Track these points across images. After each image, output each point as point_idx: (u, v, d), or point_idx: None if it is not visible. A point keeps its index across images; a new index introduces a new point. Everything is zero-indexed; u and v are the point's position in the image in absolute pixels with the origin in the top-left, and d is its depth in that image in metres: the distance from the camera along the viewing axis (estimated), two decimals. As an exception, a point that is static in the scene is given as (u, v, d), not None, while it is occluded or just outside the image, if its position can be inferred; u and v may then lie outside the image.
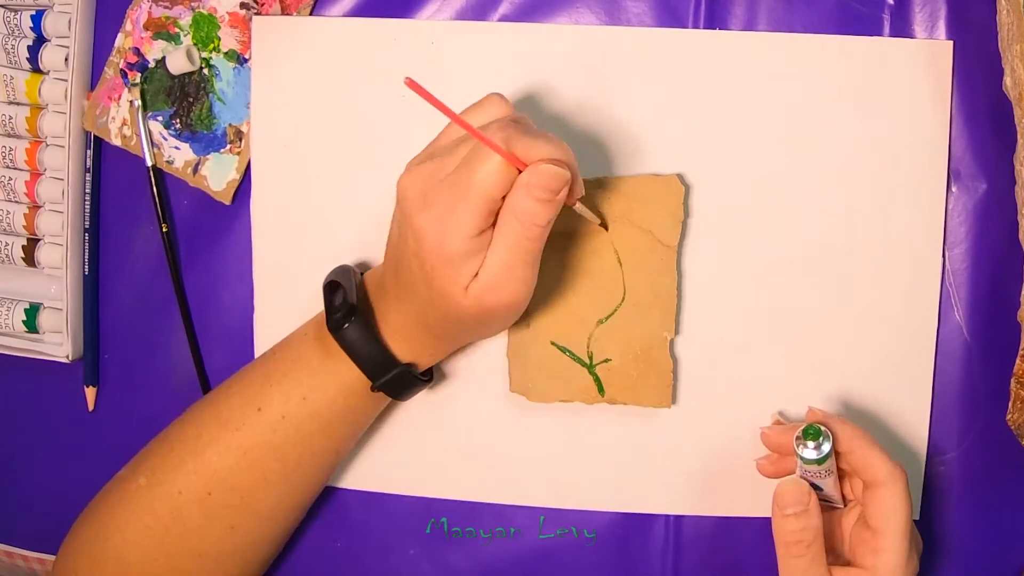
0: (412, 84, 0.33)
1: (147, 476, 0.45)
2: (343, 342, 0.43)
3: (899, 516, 0.40)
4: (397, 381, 0.44)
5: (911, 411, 0.48)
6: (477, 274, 0.39)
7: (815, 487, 0.42)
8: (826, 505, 0.44)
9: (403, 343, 0.44)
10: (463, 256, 0.38)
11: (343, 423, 0.46)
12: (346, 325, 0.43)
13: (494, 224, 0.39)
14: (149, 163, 0.50)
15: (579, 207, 0.43)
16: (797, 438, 0.41)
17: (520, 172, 0.38)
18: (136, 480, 0.45)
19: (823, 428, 0.41)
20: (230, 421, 0.45)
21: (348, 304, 0.43)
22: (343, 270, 0.46)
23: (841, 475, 0.44)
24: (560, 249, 0.47)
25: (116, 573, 0.45)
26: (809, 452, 0.41)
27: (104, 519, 0.46)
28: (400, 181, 0.40)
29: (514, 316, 0.42)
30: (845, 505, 0.44)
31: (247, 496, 0.45)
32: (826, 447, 0.40)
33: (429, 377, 0.47)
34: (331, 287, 0.45)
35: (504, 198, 0.38)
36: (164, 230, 0.51)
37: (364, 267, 0.49)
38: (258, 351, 0.51)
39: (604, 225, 0.47)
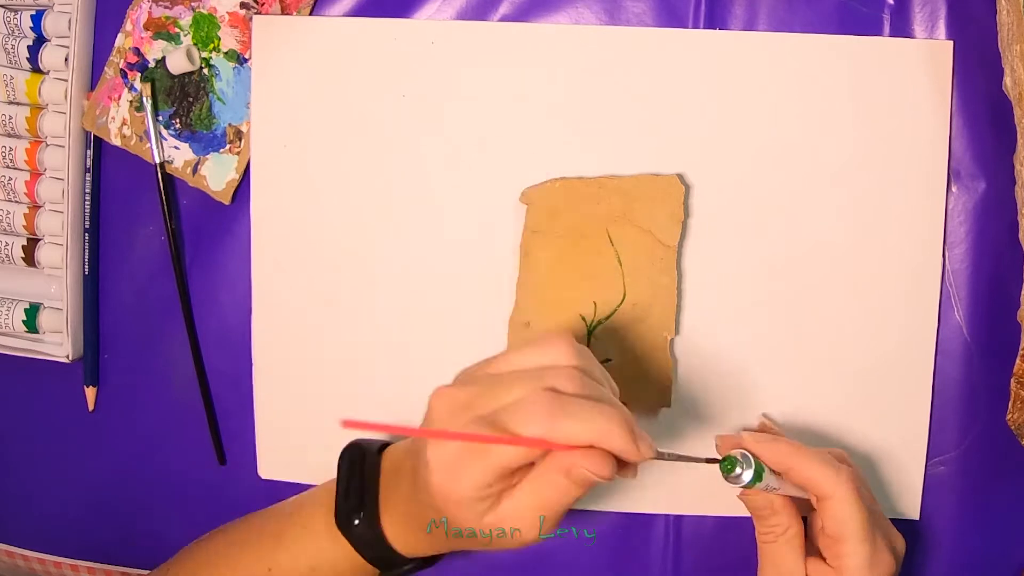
0: (350, 424, 0.31)
1: None
2: (351, 539, 0.42)
3: (853, 523, 0.40)
4: (406, 573, 0.44)
5: (911, 411, 0.48)
6: (497, 508, 0.36)
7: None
8: (805, 501, 0.44)
9: (411, 537, 0.42)
10: (471, 502, 0.36)
11: None
12: (355, 521, 0.42)
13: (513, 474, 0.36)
14: (157, 160, 0.50)
15: (667, 455, 0.39)
16: (720, 469, 0.41)
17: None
18: None
19: (740, 456, 0.40)
20: (242, 571, 0.45)
21: (357, 499, 0.42)
22: (358, 449, 0.44)
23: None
24: (560, 249, 0.47)
25: None
26: (734, 482, 0.40)
27: None
28: (432, 397, 0.38)
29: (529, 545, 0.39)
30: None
31: None
32: (746, 477, 0.40)
33: (439, 558, 0.45)
34: (346, 467, 0.44)
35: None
36: (171, 227, 0.51)
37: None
38: (256, 351, 0.51)
39: (713, 460, 0.42)
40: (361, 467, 0.43)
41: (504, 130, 0.48)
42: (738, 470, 0.40)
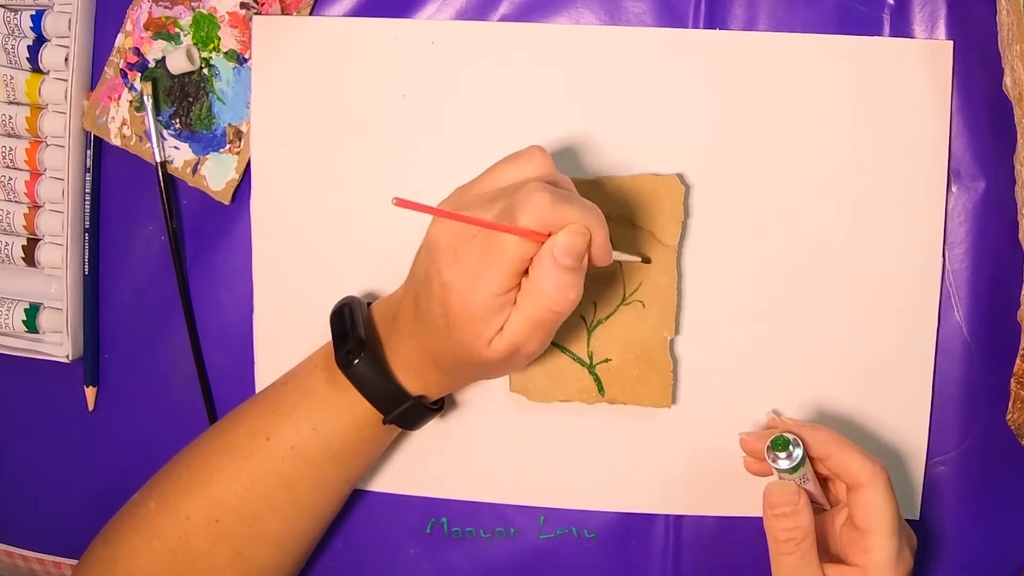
0: (402, 202, 0.34)
1: (157, 501, 0.45)
2: (353, 378, 0.43)
3: (884, 514, 0.41)
4: (409, 413, 0.44)
5: (911, 411, 0.48)
6: (502, 328, 0.39)
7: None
8: (815, 506, 0.44)
9: (414, 377, 0.43)
10: (490, 313, 0.38)
11: (354, 453, 0.45)
12: (356, 361, 0.42)
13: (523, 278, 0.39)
14: (158, 159, 0.50)
15: (616, 255, 0.42)
16: (768, 449, 0.41)
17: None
18: (146, 505, 0.46)
19: (791, 438, 0.41)
20: (238, 449, 0.45)
21: (357, 338, 0.43)
22: (350, 302, 0.46)
23: (824, 479, 0.44)
24: (560, 249, 0.47)
25: None
26: (780, 463, 0.41)
27: (115, 544, 0.46)
28: (431, 229, 0.40)
29: (529, 363, 0.42)
30: (832, 507, 0.45)
31: (255, 524, 0.45)
32: (797, 456, 0.40)
33: (440, 406, 0.47)
34: (338, 318, 0.45)
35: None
36: (171, 227, 0.51)
37: (370, 297, 0.49)
38: (258, 351, 0.51)
39: (647, 260, 0.46)
40: (353, 316, 0.44)
41: (504, 130, 0.48)
42: (789, 450, 0.40)
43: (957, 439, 0.48)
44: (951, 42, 0.47)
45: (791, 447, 0.41)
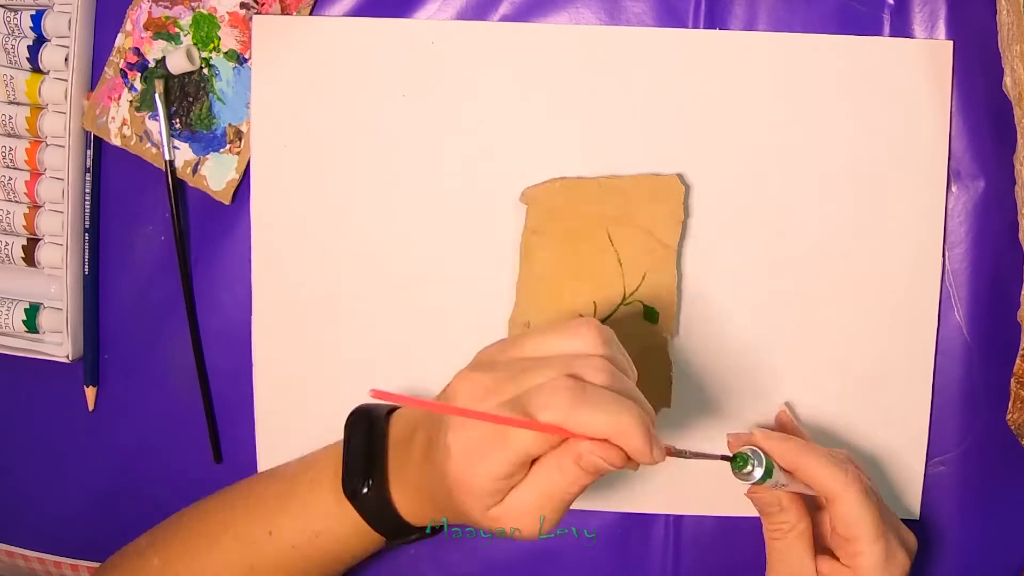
0: (379, 394, 0.31)
1: (160, 559, 0.45)
2: (358, 508, 0.42)
3: (864, 523, 0.41)
4: (412, 540, 0.44)
5: (911, 411, 0.48)
6: (502, 500, 0.36)
7: None
8: (812, 498, 0.44)
9: (417, 508, 0.42)
10: (486, 493, 0.36)
11: (353, 557, 0.45)
12: (363, 489, 0.41)
13: (531, 465, 0.36)
14: (168, 157, 0.50)
15: (686, 453, 0.40)
16: (731, 466, 0.40)
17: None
18: (150, 561, 0.45)
19: (750, 452, 0.40)
20: (240, 535, 0.44)
21: (366, 466, 0.42)
22: (366, 415, 0.44)
23: None
24: (560, 249, 0.47)
25: None
26: (745, 478, 0.40)
27: None
28: (455, 379, 0.37)
29: (530, 540, 0.39)
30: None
31: None
32: (758, 471, 0.40)
33: (442, 526, 0.45)
34: (353, 432, 0.44)
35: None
36: (179, 225, 0.51)
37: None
38: (256, 351, 0.51)
39: (727, 458, 0.42)
40: (369, 433, 0.43)
41: (504, 130, 0.48)
42: (749, 467, 0.40)
43: (957, 439, 0.48)
44: (951, 42, 0.47)
45: (750, 462, 0.40)
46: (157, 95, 0.50)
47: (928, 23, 0.47)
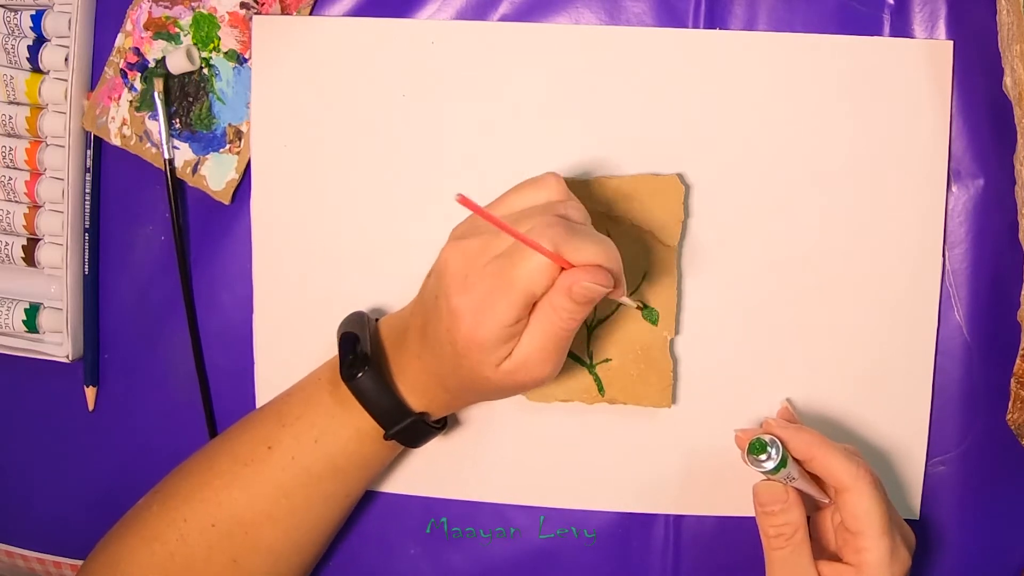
0: (464, 201, 0.33)
1: (159, 504, 0.46)
2: (356, 391, 0.43)
3: (872, 516, 0.41)
4: (411, 430, 0.44)
5: (911, 411, 0.48)
6: (510, 354, 0.39)
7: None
8: (810, 501, 0.44)
9: (419, 395, 0.43)
10: (497, 343, 0.38)
11: (355, 468, 0.45)
12: (359, 375, 0.42)
13: (532, 309, 0.39)
14: (167, 156, 0.50)
15: (624, 300, 0.43)
16: (746, 452, 0.41)
17: (563, 269, 0.37)
18: (149, 508, 0.46)
19: (769, 440, 0.41)
20: (239, 456, 0.45)
21: (362, 353, 0.43)
22: (357, 317, 0.46)
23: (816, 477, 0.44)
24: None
25: None
26: (760, 465, 0.41)
27: (117, 545, 0.46)
28: (443, 253, 0.40)
29: (541, 386, 0.42)
30: (829, 500, 0.45)
31: (251, 531, 0.45)
32: (774, 459, 0.40)
33: (443, 424, 0.47)
34: (345, 332, 0.45)
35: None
36: (178, 224, 0.51)
37: (376, 311, 0.49)
38: (257, 351, 0.51)
39: (640, 306, 0.47)
40: (362, 328, 0.44)
41: (504, 130, 0.48)
42: (768, 452, 0.40)
43: (957, 439, 0.48)
44: (951, 42, 0.47)
45: (768, 449, 0.41)
46: (156, 94, 0.50)
47: (928, 23, 0.47)
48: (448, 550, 0.51)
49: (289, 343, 0.51)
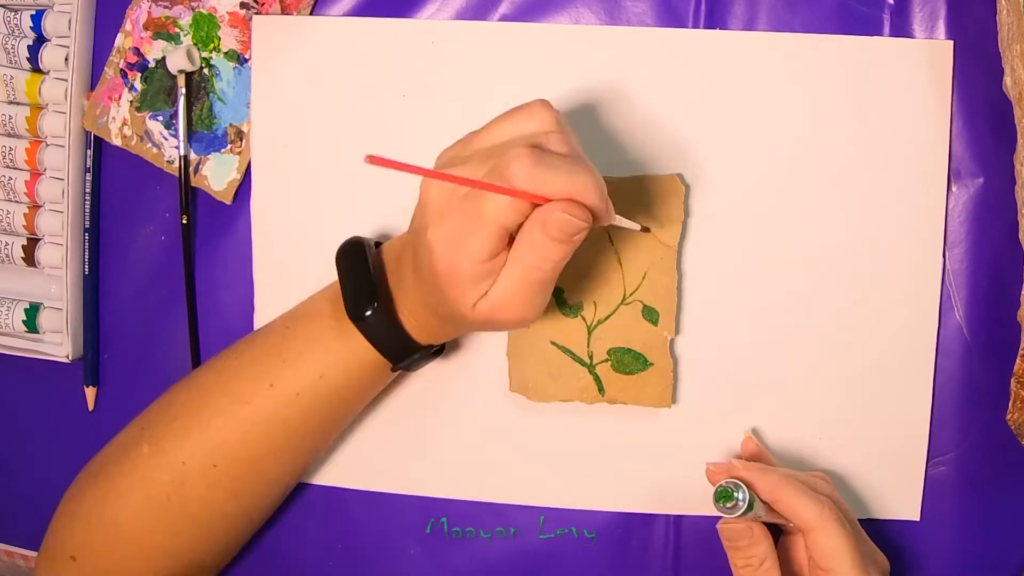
0: (376, 160, 0.32)
1: (150, 444, 0.44)
2: (364, 331, 0.42)
3: (842, 554, 0.41)
4: (416, 361, 0.44)
5: (911, 411, 0.48)
6: (487, 293, 0.38)
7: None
8: (781, 524, 0.44)
9: (420, 325, 0.43)
10: (472, 279, 0.37)
11: (358, 395, 0.45)
12: (368, 312, 0.41)
13: (510, 244, 0.37)
14: (182, 152, 0.50)
15: (617, 219, 0.41)
16: (713, 499, 0.41)
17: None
18: (138, 448, 0.45)
19: (734, 486, 0.40)
20: (238, 394, 0.44)
21: (369, 289, 0.42)
22: (357, 246, 0.44)
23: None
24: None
25: (112, 539, 0.44)
26: (726, 512, 0.41)
27: (103, 486, 0.45)
28: (423, 183, 0.39)
29: (522, 327, 0.41)
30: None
31: (253, 466, 0.44)
32: (741, 506, 0.40)
33: (441, 348, 0.47)
34: (347, 260, 0.44)
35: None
36: (184, 222, 0.51)
37: (382, 237, 0.49)
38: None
39: (647, 229, 0.45)
40: (364, 260, 0.43)
41: (504, 130, 0.48)
42: (735, 499, 0.40)
43: (957, 439, 0.48)
44: (951, 42, 0.47)
45: (735, 496, 0.40)
46: (180, 88, 0.49)
47: (928, 23, 0.47)
48: (448, 550, 0.51)
49: (289, 343, 0.50)
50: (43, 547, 0.47)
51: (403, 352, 0.43)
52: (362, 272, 0.43)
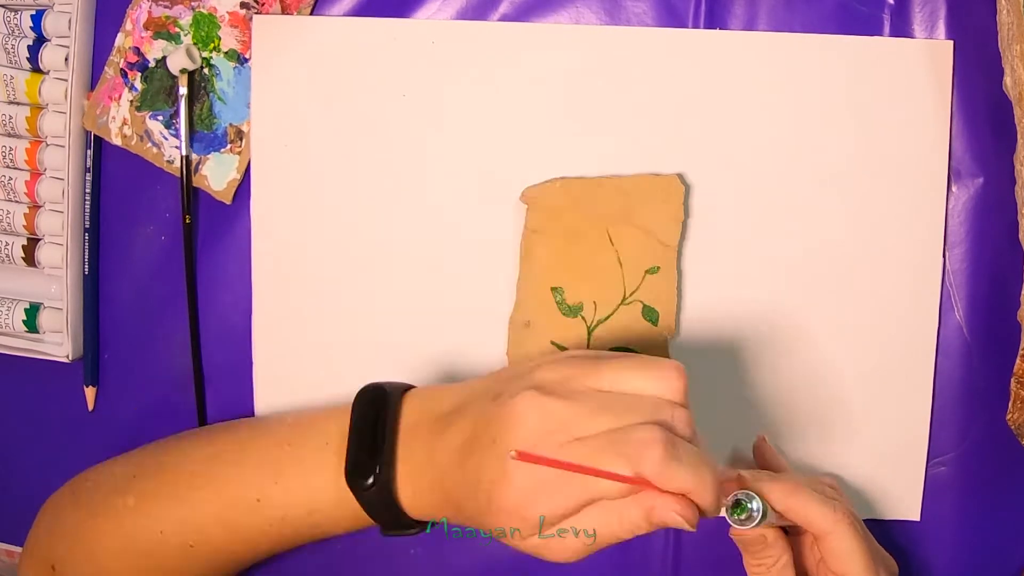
0: (525, 456, 0.30)
1: (136, 498, 0.44)
2: (359, 498, 0.40)
3: (855, 557, 0.41)
4: (409, 534, 0.42)
5: (911, 411, 0.48)
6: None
7: None
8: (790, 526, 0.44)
9: (424, 503, 0.40)
10: (533, 525, 0.35)
11: (343, 530, 0.44)
12: (368, 480, 0.39)
13: None
14: (184, 152, 0.50)
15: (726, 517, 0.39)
16: (727, 511, 0.40)
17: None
18: (124, 498, 0.44)
19: (746, 498, 0.40)
20: (225, 496, 0.43)
21: (374, 455, 0.40)
22: (381, 396, 0.42)
23: None
24: (560, 249, 0.47)
25: (92, 568, 0.45)
26: (741, 524, 0.40)
27: (85, 520, 0.45)
28: (520, 402, 0.35)
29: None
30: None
31: (230, 555, 0.44)
32: (755, 517, 0.40)
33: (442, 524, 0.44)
34: (362, 413, 0.41)
35: None
36: (189, 222, 0.51)
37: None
38: (257, 351, 0.51)
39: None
40: (382, 416, 0.41)
41: (504, 130, 0.49)
42: (749, 511, 0.40)
43: (957, 439, 0.48)
44: (951, 42, 0.47)
45: (749, 507, 0.40)
46: (181, 87, 0.49)
47: (928, 23, 0.47)
48: (448, 550, 0.51)
49: (288, 344, 0.50)
50: (25, 550, 0.48)
51: (397, 527, 0.41)
52: (372, 431, 0.40)
